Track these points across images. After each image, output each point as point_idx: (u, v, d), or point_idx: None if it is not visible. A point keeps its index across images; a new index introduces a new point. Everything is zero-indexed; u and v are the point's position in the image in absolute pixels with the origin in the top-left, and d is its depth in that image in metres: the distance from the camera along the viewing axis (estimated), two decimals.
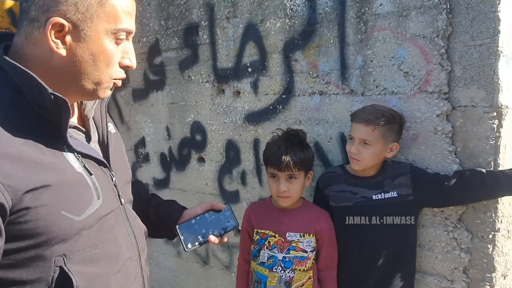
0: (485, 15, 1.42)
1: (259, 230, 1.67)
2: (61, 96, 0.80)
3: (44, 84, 0.79)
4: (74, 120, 0.94)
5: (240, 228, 1.73)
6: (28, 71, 0.78)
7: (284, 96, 1.97)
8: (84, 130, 0.95)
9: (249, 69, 2.07)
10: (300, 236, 1.60)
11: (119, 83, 0.91)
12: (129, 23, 0.86)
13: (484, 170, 1.44)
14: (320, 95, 1.86)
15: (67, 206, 0.81)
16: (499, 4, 1.39)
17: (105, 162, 0.94)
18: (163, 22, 2.42)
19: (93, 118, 0.99)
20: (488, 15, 1.41)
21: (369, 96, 1.71)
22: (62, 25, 0.79)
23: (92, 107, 0.98)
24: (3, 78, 0.80)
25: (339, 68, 1.78)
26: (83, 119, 0.97)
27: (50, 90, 0.79)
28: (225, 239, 1.23)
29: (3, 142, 0.74)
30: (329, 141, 1.86)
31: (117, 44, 0.86)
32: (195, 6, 2.24)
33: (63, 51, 0.81)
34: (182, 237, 1.16)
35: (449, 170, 1.52)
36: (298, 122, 1.93)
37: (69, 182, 0.82)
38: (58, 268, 0.81)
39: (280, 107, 1.99)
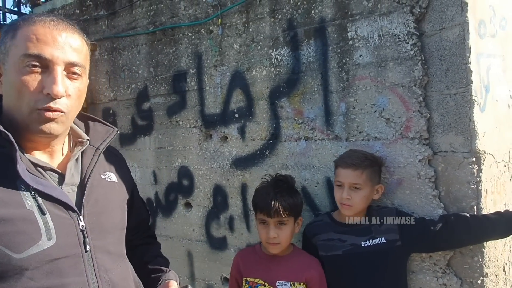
0: (458, 66, 1.51)
1: (248, 279, 1.62)
2: (4, 130, 0.84)
3: None
4: (46, 160, 0.95)
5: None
6: None
7: (270, 141, 2.01)
8: (59, 172, 0.95)
9: (236, 115, 2.12)
10: (291, 284, 1.56)
11: (51, 114, 0.88)
12: (42, 49, 0.86)
13: (468, 215, 1.46)
14: (306, 140, 1.90)
15: (5, 242, 0.80)
16: (469, 56, 1.49)
17: (71, 205, 0.91)
18: (152, 70, 2.48)
19: (82, 163, 1.01)
20: (460, 66, 1.50)
21: (353, 141, 1.75)
22: None
23: (78, 152, 1.01)
24: None
25: (324, 114, 1.84)
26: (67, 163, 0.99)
27: None
28: None
29: None
30: (316, 186, 1.87)
31: (33, 72, 0.86)
32: (184, 54, 2.32)
33: (1, 90, 0.90)
34: None
35: (434, 215, 1.54)
36: (285, 167, 1.95)
37: (13, 218, 0.82)
38: None
39: (267, 152, 2.02)
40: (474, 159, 1.49)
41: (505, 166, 1.63)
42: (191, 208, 2.32)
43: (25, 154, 0.91)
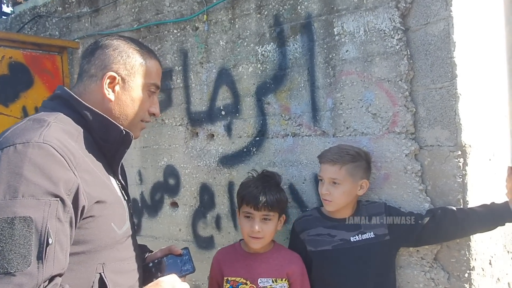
0: (443, 60, 1.52)
1: (229, 278, 1.59)
2: (129, 132, 1.05)
3: (117, 123, 1.04)
4: None
5: (208, 275, 1.65)
6: (103, 115, 1.03)
7: (257, 138, 1.99)
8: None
9: (223, 112, 2.09)
10: (273, 281, 1.54)
11: (145, 125, 1.17)
12: (158, 81, 1.16)
13: (455, 208, 1.46)
14: (293, 136, 1.88)
15: (115, 220, 1.01)
16: (454, 50, 1.49)
17: (129, 195, 1.17)
18: None
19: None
20: (445, 60, 1.51)
21: (340, 137, 1.75)
22: (114, 78, 1.06)
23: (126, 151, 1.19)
24: (79, 119, 1.03)
25: (311, 110, 1.83)
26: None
27: (121, 128, 1.04)
28: None
29: (83, 160, 0.94)
30: (303, 183, 1.86)
31: (149, 95, 1.13)
32: (169, 52, 2.29)
33: (112, 97, 1.07)
34: None
35: (422, 209, 1.54)
36: (272, 164, 1.93)
37: (116, 201, 1.04)
38: (98, 274, 0.96)
39: (254, 150, 2.00)
40: (459, 152, 1.49)
41: (490, 159, 1.64)
42: (177, 208, 2.28)
43: None
